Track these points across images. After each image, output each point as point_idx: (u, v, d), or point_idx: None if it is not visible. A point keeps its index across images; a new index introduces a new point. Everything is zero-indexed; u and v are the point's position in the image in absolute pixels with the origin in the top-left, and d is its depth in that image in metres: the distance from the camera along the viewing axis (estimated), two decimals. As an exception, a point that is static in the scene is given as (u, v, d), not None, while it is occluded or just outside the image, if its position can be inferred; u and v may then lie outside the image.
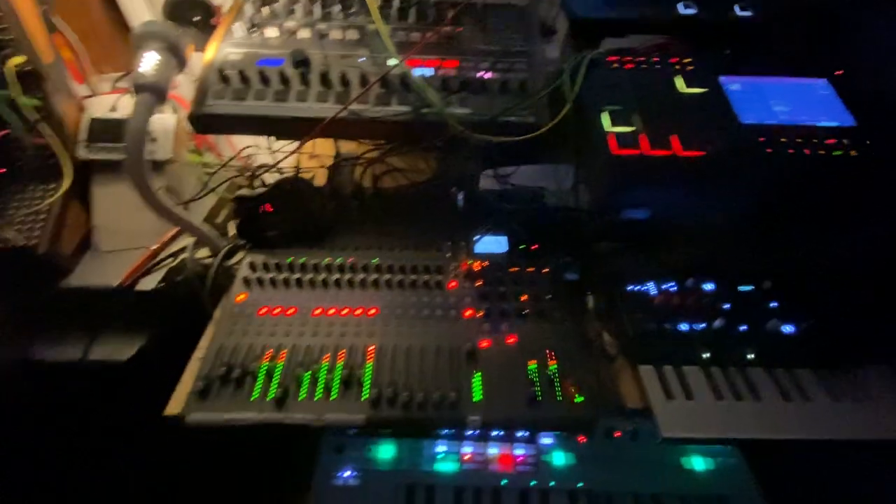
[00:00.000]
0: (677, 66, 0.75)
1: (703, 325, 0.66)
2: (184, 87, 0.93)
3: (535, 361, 0.63)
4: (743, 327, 0.66)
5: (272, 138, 0.82)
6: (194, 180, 0.94)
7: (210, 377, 0.59)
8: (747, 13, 0.81)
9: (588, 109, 0.69)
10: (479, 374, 0.61)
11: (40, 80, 0.75)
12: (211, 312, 0.75)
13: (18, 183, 0.74)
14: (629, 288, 0.74)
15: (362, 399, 0.58)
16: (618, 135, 0.66)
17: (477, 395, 0.59)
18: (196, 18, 0.89)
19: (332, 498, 0.69)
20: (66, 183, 0.74)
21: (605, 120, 0.67)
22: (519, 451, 0.74)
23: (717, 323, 0.66)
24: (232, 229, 0.81)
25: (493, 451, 0.74)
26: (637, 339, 0.66)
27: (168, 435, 0.63)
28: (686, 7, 0.82)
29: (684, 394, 0.62)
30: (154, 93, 0.60)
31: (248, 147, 0.85)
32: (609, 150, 0.64)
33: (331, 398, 0.58)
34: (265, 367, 0.60)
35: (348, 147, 1.00)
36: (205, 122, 0.70)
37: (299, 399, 0.58)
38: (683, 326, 0.66)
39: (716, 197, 0.67)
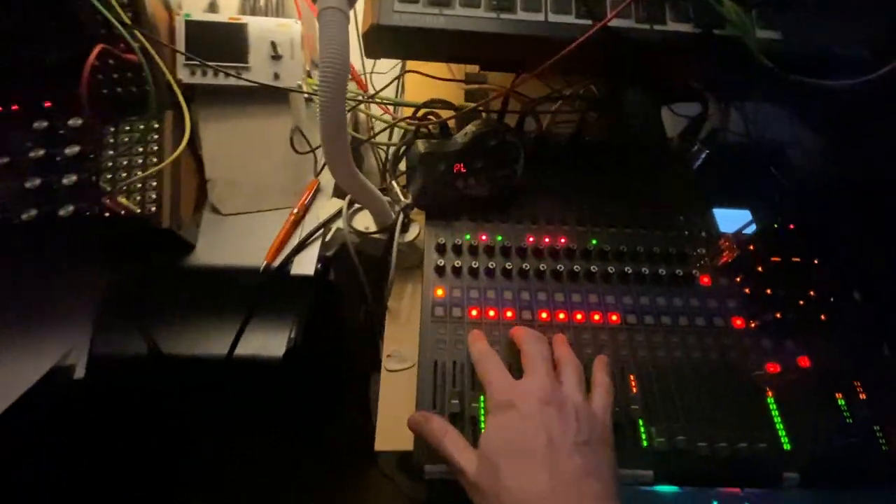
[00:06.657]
0: None
1: None
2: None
3: (842, 395, 0.48)
4: None
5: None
6: (304, 114, 0.71)
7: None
8: None
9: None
10: (776, 410, 0.47)
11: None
12: (375, 300, 0.58)
13: (116, 125, 0.53)
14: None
15: (643, 446, 0.44)
16: None
17: (785, 442, 0.45)
18: None
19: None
20: (187, 130, 0.52)
21: None
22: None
23: None
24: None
25: None
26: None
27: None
28: None
29: None
30: (348, -7, 0.38)
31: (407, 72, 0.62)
32: None
33: (600, 443, 0.44)
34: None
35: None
36: (387, 41, 0.47)
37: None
38: None
39: None
